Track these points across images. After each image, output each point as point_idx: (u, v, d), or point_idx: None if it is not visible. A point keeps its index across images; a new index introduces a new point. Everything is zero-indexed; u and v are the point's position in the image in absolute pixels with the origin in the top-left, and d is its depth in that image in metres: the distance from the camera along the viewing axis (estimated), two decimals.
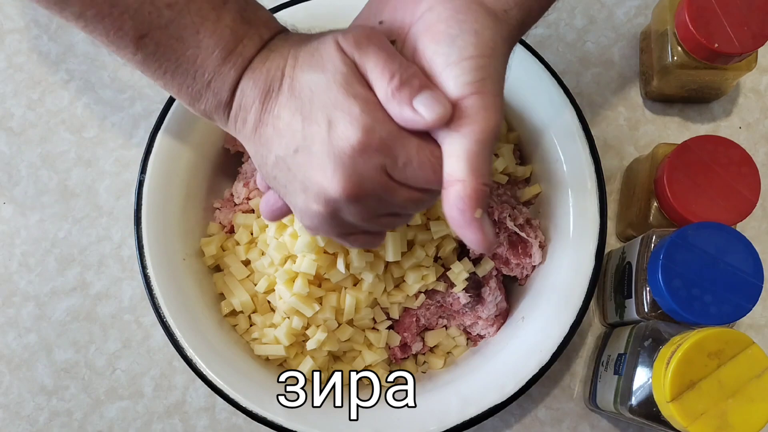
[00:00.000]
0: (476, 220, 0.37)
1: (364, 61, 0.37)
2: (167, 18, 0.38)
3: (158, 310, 0.51)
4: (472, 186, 0.37)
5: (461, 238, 0.38)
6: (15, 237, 0.60)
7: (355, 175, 0.37)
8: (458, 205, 0.37)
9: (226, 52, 0.38)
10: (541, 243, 0.55)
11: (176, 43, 0.38)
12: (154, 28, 0.38)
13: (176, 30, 0.38)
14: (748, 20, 0.52)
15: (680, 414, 0.42)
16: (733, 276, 0.46)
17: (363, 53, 0.37)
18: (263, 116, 0.39)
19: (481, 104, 0.37)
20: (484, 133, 0.37)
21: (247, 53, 0.39)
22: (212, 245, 0.55)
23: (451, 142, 0.37)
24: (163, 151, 0.53)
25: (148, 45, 0.38)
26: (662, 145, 0.55)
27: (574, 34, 0.63)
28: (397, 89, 0.37)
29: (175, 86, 0.40)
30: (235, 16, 0.39)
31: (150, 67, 0.39)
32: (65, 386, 0.58)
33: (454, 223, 0.38)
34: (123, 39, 0.38)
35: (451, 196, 0.37)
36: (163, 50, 0.38)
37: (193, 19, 0.38)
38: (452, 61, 0.37)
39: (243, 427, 0.58)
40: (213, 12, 0.38)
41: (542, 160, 0.55)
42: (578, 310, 0.51)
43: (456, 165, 0.37)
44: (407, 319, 0.55)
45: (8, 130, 0.62)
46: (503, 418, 0.57)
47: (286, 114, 0.38)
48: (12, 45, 0.63)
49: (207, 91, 0.40)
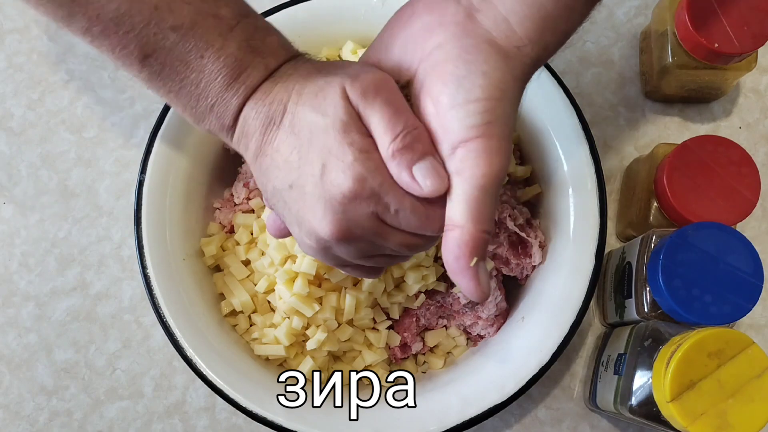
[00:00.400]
0: (470, 268, 0.37)
1: (369, 114, 0.37)
2: (172, 40, 0.38)
3: (158, 310, 0.51)
4: (470, 233, 0.36)
5: (455, 283, 0.38)
6: (15, 237, 0.60)
7: (345, 220, 0.38)
8: (454, 252, 0.37)
9: (229, 79, 0.38)
10: (541, 243, 0.55)
11: (180, 65, 0.38)
12: (158, 49, 0.38)
13: (181, 53, 0.38)
14: (748, 20, 0.52)
15: (680, 414, 0.42)
16: (733, 276, 0.46)
17: (369, 106, 0.37)
18: (264, 146, 0.39)
19: (485, 148, 0.36)
20: (486, 178, 0.36)
21: (250, 82, 0.39)
22: (212, 245, 0.55)
23: (453, 186, 0.37)
24: (163, 151, 0.53)
25: (152, 64, 0.38)
26: (662, 145, 0.55)
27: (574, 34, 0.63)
28: (399, 152, 0.37)
29: (179, 106, 0.40)
30: (241, 43, 0.38)
31: (155, 85, 0.39)
32: (65, 386, 0.58)
33: (448, 268, 0.37)
34: (128, 57, 0.38)
35: (448, 242, 0.37)
36: (167, 71, 0.38)
37: (197, 43, 0.38)
38: (458, 103, 0.36)
39: (243, 427, 0.58)
40: (219, 39, 0.38)
41: (542, 160, 0.55)
42: (578, 309, 0.51)
43: (456, 210, 0.37)
44: (407, 319, 0.55)
45: (8, 130, 0.62)
46: (503, 418, 0.57)
47: (284, 149, 0.38)
48: (12, 45, 0.63)
49: (210, 114, 0.40)
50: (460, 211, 0.37)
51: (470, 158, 0.36)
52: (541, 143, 0.55)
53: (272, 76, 0.39)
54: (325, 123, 0.37)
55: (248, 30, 0.39)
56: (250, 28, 0.39)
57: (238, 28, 0.38)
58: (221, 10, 0.38)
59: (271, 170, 0.39)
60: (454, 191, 0.37)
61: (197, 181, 0.56)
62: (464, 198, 0.37)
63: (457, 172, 0.37)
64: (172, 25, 0.37)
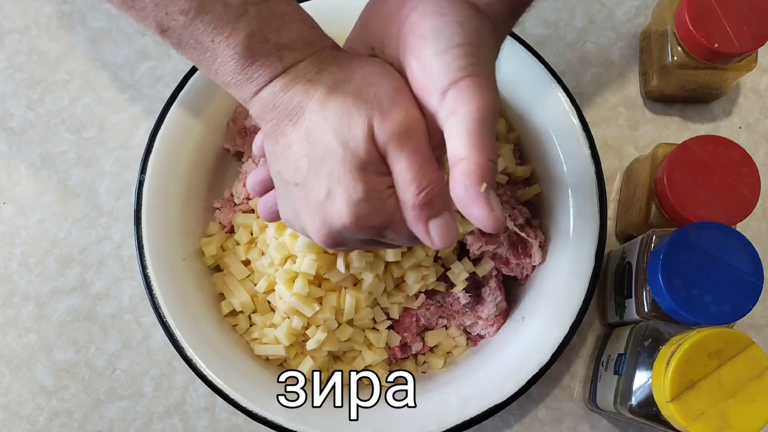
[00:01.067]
0: (481, 194, 0.36)
1: (396, 160, 0.38)
2: (182, 22, 0.38)
3: (158, 310, 0.51)
4: (476, 161, 0.36)
5: (469, 218, 0.37)
6: (15, 237, 0.60)
7: (339, 238, 0.40)
8: (463, 182, 0.36)
9: (242, 65, 0.39)
10: (541, 243, 0.55)
11: (195, 43, 0.39)
12: (172, 27, 0.39)
13: (192, 34, 0.38)
14: (748, 20, 0.52)
15: (680, 414, 0.42)
16: (733, 276, 0.46)
17: (398, 151, 0.38)
18: (277, 133, 0.40)
19: (475, 85, 0.37)
20: (481, 110, 0.37)
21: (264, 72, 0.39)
22: (212, 245, 0.55)
23: (451, 125, 0.37)
24: (163, 151, 0.53)
25: (170, 37, 0.39)
26: (662, 145, 0.55)
27: (574, 34, 0.64)
28: (420, 206, 0.38)
29: (203, 71, 0.41)
30: (252, 32, 0.38)
31: (179, 52, 0.41)
32: (65, 386, 0.58)
33: (460, 202, 0.37)
34: (149, 27, 0.40)
35: (456, 175, 0.37)
36: (184, 46, 0.39)
37: (206, 29, 0.38)
38: (441, 50, 0.37)
39: (243, 427, 0.58)
40: (228, 26, 0.38)
41: (542, 160, 0.55)
42: (578, 310, 0.51)
43: (458, 144, 0.37)
44: (407, 319, 0.55)
45: (8, 130, 0.62)
46: (503, 418, 0.57)
47: (297, 150, 0.39)
48: (12, 45, 0.63)
49: (228, 87, 0.40)
50: (463, 144, 0.36)
51: (462, 96, 0.37)
52: (541, 143, 0.55)
53: (291, 71, 0.39)
54: (344, 155, 0.38)
55: (261, 18, 0.39)
56: (263, 17, 0.39)
57: (247, 16, 0.38)
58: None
59: (281, 159, 0.40)
60: (453, 129, 0.37)
61: (197, 181, 0.56)
62: (464, 132, 0.36)
63: (452, 112, 0.37)
64: (181, 9, 0.38)
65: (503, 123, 0.57)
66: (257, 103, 0.40)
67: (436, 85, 0.37)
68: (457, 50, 0.37)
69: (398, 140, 0.38)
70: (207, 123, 0.55)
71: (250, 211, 0.56)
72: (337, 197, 0.38)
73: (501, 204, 0.37)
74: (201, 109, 0.54)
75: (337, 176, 0.38)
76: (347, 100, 0.38)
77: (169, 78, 0.62)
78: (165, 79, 0.62)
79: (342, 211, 0.38)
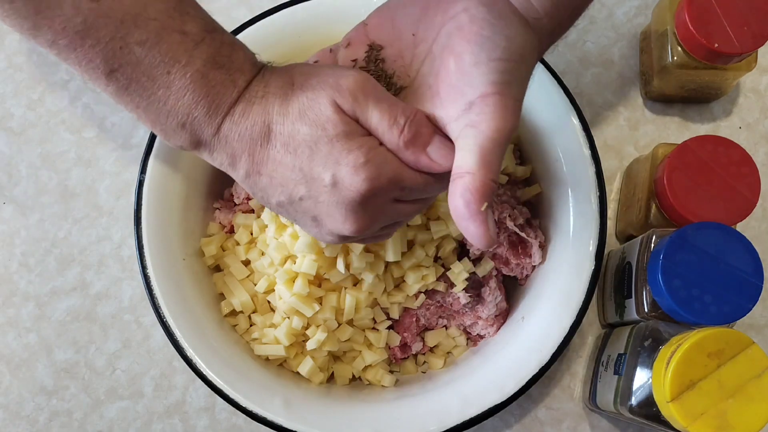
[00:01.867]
0: (481, 213, 0.37)
1: (367, 116, 0.39)
2: (138, 55, 0.38)
3: (158, 310, 0.51)
4: (480, 179, 0.37)
5: (463, 231, 0.38)
6: (15, 237, 0.60)
7: (366, 215, 0.40)
8: (465, 196, 0.37)
9: (198, 97, 0.39)
10: (541, 243, 0.55)
11: (147, 81, 0.38)
12: (125, 64, 0.38)
13: (147, 68, 0.38)
14: (748, 20, 0.52)
15: (680, 414, 0.42)
16: (733, 276, 0.46)
17: (364, 108, 0.39)
18: (256, 166, 0.40)
19: (501, 105, 0.38)
20: (499, 132, 0.38)
21: (222, 101, 0.39)
22: (212, 245, 0.55)
23: (465, 136, 0.38)
24: (163, 151, 0.53)
25: (119, 79, 0.38)
26: (662, 145, 0.55)
27: (574, 34, 0.63)
28: (410, 141, 0.39)
29: (148, 122, 0.40)
30: (207, 60, 0.39)
31: (123, 100, 0.40)
32: (65, 386, 0.58)
33: (457, 214, 0.38)
34: (95, 71, 0.38)
35: (458, 187, 0.38)
36: (134, 86, 0.39)
37: (163, 59, 0.38)
38: (481, 61, 0.38)
39: (243, 427, 0.58)
40: (185, 54, 0.38)
41: (542, 160, 0.55)
42: (578, 310, 0.51)
43: (467, 158, 0.38)
44: (407, 319, 0.55)
45: (8, 130, 0.62)
46: (503, 418, 0.57)
47: (282, 169, 0.39)
48: (12, 45, 0.63)
49: (182, 131, 0.40)
50: (473, 160, 0.37)
51: (486, 112, 0.38)
52: (541, 143, 0.55)
53: (244, 96, 0.40)
54: (327, 136, 0.38)
55: (214, 46, 0.39)
56: (216, 44, 0.39)
57: (203, 44, 0.39)
58: (187, 26, 0.38)
59: (270, 188, 0.40)
60: (467, 141, 0.38)
61: (197, 181, 0.56)
62: (477, 148, 0.38)
63: (472, 124, 0.38)
64: (138, 40, 0.37)
65: None
66: (222, 142, 0.40)
67: (466, 92, 0.38)
68: (497, 64, 0.38)
69: (359, 98, 0.39)
70: None
71: (250, 211, 0.56)
72: (343, 175, 0.38)
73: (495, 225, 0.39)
74: None
75: (333, 158, 0.38)
76: (301, 97, 0.39)
77: None
78: None
79: (354, 182, 0.38)
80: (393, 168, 0.39)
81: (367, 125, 0.39)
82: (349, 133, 0.39)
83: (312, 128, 0.38)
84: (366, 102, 0.39)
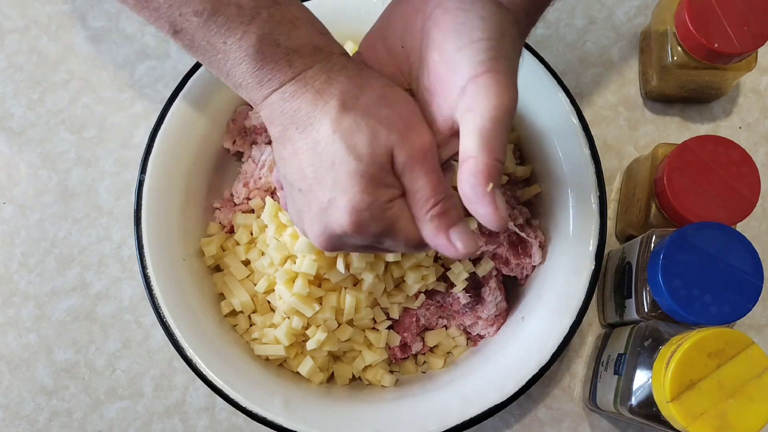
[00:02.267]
0: (488, 194, 0.37)
1: (414, 181, 0.39)
2: (195, 24, 0.39)
3: (158, 310, 0.51)
4: (483, 161, 0.37)
5: (474, 215, 0.38)
6: (15, 237, 0.60)
7: (338, 243, 0.41)
8: (470, 181, 0.37)
9: (253, 68, 0.40)
10: (541, 243, 0.55)
11: (207, 45, 0.40)
12: (185, 29, 0.39)
13: (205, 35, 0.39)
14: (748, 20, 0.52)
15: (680, 414, 0.42)
16: (733, 276, 0.46)
17: (416, 174, 0.39)
18: (284, 139, 0.41)
19: (494, 82, 0.37)
20: (496, 110, 0.37)
21: (275, 76, 0.40)
22: (212, 245, 0.55)
23: (465, 121, 0.38)
24: (163, 151, 0.53)
25: (183, 38, 0.40)
26: (662, 145, 0.55)
27: (574, 34, 0.64)
28: (438, 216, 0.39)
29: (215, 72, 0.42)
30: (263, 36, 0.39)
31: (190, 53, 0.41)
32: (65, 386, 0.58)
33: (466, 199, 0.38)
34: (162, 28, 0.41)
35: (464, 173, 0.38)
36: (196, 47, 0.40)
37: (219, 30, 0.39)
38: (463, 44, 0.38)
39: (243, 427, 0.58)
40: (239, 27, 0.39)
41: (542, 160, 0.55)
42: (578, 310, 0.51)
43: (469, 143, 0.38)
44: (407, 319, 0.55)
45: (8, 130, 0.62)
46: (503, 418, 0.57)
47: (303, 158, 0.40)
48: (12, 45, 0.63)
49: (239, 89, 0.41)
50: (474, 143, 0.37)
51: (481, 92, 0.37)
52: (541, 143, 0.55)
53: (301, 78, 0.40)
54: (355, 167, 0.38)
55: (272, 22, 0.39)
56: (275, 20, 0.39)
57: (259, 19, 0.39)
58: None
59: (287, 163, 0.41)
60: (467, 126, 0.38)
61: (197, 181, 0.56)
62: (477, 130, 0.37)
63: (468, 108, 0.38)
64: (195, 10, 0.39)
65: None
66: (266, 108, 0.41)
67: (456, 79, 0.38)
68: (479, 44, 0.38)
69: (416, 162, 0.39)
70: (207, 123, 0.55)
71: (250, 211, 0.56)
72: (339, 205, 0.39)
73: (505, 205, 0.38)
74: (201, 109, 0.54)
75: (343, 186, 0.39)
76: (358, 117, 0.39)
77: (169, 78, 0.62)
78: (165, 79, 0.62)
79: (343, 219, 0.39)
80: (384, 226, 0.39)
81: (408, 186, 0.39)
82: (375, 179, 0.39)
83: (348, 151, 0.38)
84: (421, 169, 0.39)
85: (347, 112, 0.39)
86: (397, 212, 0.40)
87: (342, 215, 0.39)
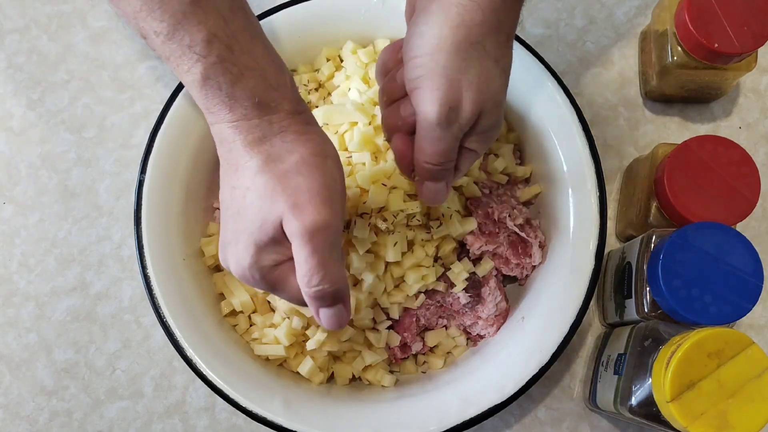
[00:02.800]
0: (417, 181, 0.46)
1: (297, 254, 0.41)
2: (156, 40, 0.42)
3: (158, 310, 0.51)
4: (416, 161, 0.45)
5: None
6: (15, 237, 0.60)
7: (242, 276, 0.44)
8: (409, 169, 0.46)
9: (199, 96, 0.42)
10: (541, 243, 0.55)
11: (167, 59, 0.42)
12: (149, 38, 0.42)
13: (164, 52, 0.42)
14: (748, 20, 0.52)
15: (680, 414, 0.42)
16: (733, 276, 0.46)
17: (300, 248, 0.41)
18: (222, 162, 0.44)
19: (419, 99, 0.42)
20: (422, 119, 0.43)
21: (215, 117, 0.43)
22: (212, 245, 0.55)
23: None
24: (163, 151, 0.53)
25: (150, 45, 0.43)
26: (662, 145, 0.55)
27: (574, 34, 0.64)
28: (311, 298, 0.42)
29: None
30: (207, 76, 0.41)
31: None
32: (65, 386, 0.58)
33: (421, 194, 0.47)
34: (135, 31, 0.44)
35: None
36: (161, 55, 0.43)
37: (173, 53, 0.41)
38: (405, 60, 0.43)
39: (243, 427, 0.58)
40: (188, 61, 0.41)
41: (542, 160, 0.55)
42: (578, 310, 0.51)
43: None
44: (407, 319, 0.55)
45: (8, 130, 0.62)
46: (503, 418, 0.57)
47: (225, 190, 0.44)
48: (12, 45, 0.63)
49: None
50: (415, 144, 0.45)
51: (416, 105, 0.43)
52: (541, 143, 0.55)
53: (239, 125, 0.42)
54: (252, 230, 0.42)
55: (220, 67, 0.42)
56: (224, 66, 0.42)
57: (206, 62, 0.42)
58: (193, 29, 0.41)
59: (221, 181, 0.45)
60: None
61: (197, 181, 0.56)
62: (416, 134, 0.44)
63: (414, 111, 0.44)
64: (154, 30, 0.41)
65: (503, 123, 0.57)
66: (213, 129, 0.44)
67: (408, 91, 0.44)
68: (412, 62, 0.42)
69: (302, 238, 0.40)
70: (207, 123, 0.55)
71: None
72: (230, 250, 0.43)
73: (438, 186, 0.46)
74: None
75: (236, 236, 0.43)
76: (270, 182, 0.41)
77: (169, 78, 0.62)
78: (165, 79, 0.62)
79: (231, 266, 0.44)
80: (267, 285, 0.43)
81: (294, 254, 0.41)
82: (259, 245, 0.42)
83: (249, 209, 0.42)
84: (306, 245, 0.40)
85: (263, 174, 0.41)
86: (283, 273, 0.43)
87: (232, 261, 0.43)
